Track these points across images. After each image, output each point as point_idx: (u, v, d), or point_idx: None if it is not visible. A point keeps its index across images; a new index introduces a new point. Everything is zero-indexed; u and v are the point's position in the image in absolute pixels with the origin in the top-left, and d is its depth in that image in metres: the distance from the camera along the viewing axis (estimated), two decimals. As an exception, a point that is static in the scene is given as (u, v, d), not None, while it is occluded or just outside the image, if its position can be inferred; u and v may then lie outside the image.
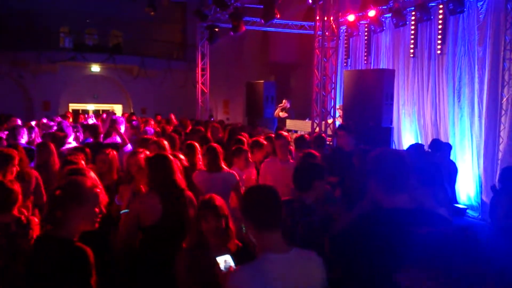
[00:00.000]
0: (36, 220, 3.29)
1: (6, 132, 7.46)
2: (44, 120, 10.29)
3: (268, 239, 2.21)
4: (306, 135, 7.71)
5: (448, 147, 6.70)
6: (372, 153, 2.53)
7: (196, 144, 5.62)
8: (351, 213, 2.70)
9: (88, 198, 2.45)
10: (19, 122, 9.97)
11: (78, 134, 7.85)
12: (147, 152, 4.57)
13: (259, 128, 9.30)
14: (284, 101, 12.16)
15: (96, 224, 2.51)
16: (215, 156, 4.86)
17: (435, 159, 5.95)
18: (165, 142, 5.50)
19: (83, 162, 4.56)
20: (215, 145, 5.05)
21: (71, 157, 4.53)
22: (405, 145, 11.14)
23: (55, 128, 8.92)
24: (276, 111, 12.09)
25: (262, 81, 12.99)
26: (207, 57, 15.32)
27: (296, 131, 11.84)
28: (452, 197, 5.97)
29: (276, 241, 2.21)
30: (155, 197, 3.52)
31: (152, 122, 11.07)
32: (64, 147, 6.51)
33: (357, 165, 4.80)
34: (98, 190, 2.53)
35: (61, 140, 6.61)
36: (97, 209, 2.49)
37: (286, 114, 12.10)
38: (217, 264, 2.65)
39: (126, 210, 3.76)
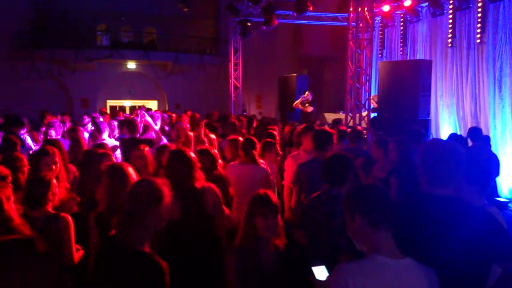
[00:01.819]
0: (70, 218, 3.22)
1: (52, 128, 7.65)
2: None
3: (380, 239, 2.08)
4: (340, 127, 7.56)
5: (487, 138, 6.49)
6: (425, 143, 2.52)
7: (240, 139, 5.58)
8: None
9: (161, 199, 2.42)
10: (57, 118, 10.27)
11: (113, 129, 7.97)
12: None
13: (288, 125, 9.21)
14: (307, 92, 11.99)
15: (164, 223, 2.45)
16: (249, 148, 4.84)
17: (473, 150, 5.77)
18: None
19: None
20: (251, 137, 5.03)
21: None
22: (443, 138, 10.85)
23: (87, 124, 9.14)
24: (296, 102, 11.92)
25: (295, 74, 12.91)
26: (240, 51, 15.34)
27: (328, 124, 11.71)
28: (493, 191, 5.79)
29: (389, 244, 2.08)
30: (173, 197, 3.49)
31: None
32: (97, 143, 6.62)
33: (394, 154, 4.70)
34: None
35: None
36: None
37: (311, 108, 11.94)
38: (312, 273, 2.58)
39: None
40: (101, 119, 9.66)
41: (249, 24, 13.95)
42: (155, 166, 4.55)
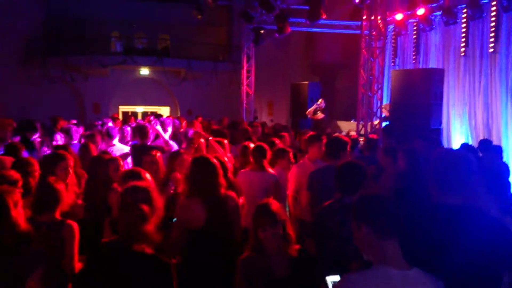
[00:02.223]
0: (75, 225, 3.19)
1: (59, 133, 7.74)
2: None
3: (386, 249, 2.05)
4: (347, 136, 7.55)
5: (498, 149, 6.46)
6: (434, 152, 2.53)
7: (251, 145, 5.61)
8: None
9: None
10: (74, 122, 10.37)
11: (125, 135, 8.04)
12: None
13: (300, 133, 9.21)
14: (320, 100, 12.01)
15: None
16: (259, 156, 4.87)
17: (484, 160, 5.75)
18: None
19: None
20: (262, 144, 5.06)
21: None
22: (455, 147, 10.80)
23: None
24: (309, 110, 11.95)
25: (307, 82, 12.94)
26: (252, 58, 15.42)
27: (341, 132, 11.72)
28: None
29: (395, 254, 2.05)
30: (197, 202, 3.49)
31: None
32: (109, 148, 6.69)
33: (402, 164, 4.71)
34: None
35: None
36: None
37: (322, 115, 11.95)
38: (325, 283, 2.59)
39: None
40: (110, 124, 9.76)
41: (262, 31, 14.03)
42: (166, 172, 4.53)
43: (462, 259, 2.25)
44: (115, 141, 6.96)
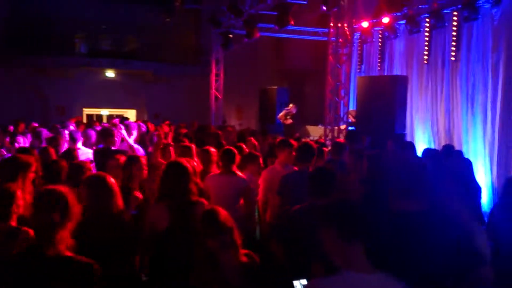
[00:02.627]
0: (29, 231, 3.00)
1: (21, 136, 7.55)
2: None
3: (351, 253, 2.09)
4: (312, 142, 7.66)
5: (459, 153, 6.70)
6: (391, 158, 2.60)
7: (212, 149, 5.63)
8: None
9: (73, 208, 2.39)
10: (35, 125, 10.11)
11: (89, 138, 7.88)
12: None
13: (270, 137, 9.28)
14: (290, 105, 12.14)
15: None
16: (229, 160, 4.89)
17: (448, 165, 5.95)
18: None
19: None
20: (231, 148, 5.08)
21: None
22: (418, 152, 11.11)
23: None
24: (280, 114, 12.07)
25: (276, 87, 13.06)
26: (221, 63, 15.44)
27: (309, 137, 11.88)
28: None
29: (360, 258, 2.09)
30: (162, 206, 3.50)
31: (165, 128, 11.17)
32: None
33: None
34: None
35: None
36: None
37: (290, 121, 12.08)
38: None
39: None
40: (72, 128, 9.57)
41: (231, 36, 14.08)
42: (124, 177, 4.35)
43: (423, 264, 2.32)
44: (79, 144, 6.83)
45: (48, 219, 2.32)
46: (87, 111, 20.72)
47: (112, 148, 6.51)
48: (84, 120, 16.92)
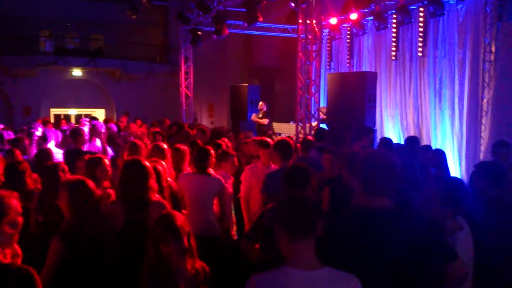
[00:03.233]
0: None
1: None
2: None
3: (296, 250, 2.10)
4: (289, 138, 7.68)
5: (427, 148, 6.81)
6: (359, 155, 2.57)
7: (185, 148, 5.53)
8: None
9: (6, 213, 2.25)
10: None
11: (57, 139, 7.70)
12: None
13: (242, 134, 9.24)
14: (260, 103, 12.13)
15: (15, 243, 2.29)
16: (203, 159, 4.80)
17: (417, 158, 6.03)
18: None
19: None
20: (207, 147, 4.99)
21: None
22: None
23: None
24: (253, 116, 12.05)
25: (246, 84, 13.00)
26: (191, 60, 15.26)
27: (280, 134, 11.86)
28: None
29: (305, 255, 2.10)
30: (118, 205, 3.44)
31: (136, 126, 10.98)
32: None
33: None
34: (14, 202, 2.32)
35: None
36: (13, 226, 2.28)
37: (267, 121, 12.06)
38: None
39: None
40: (40, 129, 9.31)
41: (199, 33, 13.92)
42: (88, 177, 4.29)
43: (391, 262, 2.31)
44: (51, 144, 6.65)
45: None
46: (54, 111, 20.25)
47: (83, 149, 6.37)
48: (52, 120, 16.46)
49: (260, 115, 11.98)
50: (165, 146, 5.47)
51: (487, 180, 3.77)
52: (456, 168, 9.55)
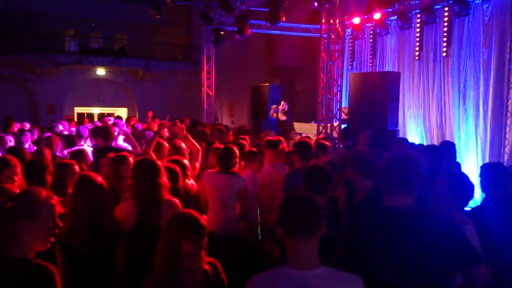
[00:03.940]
0: None
1: (11, 136, 7.43)
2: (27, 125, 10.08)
3: (294, 249, 2.09)
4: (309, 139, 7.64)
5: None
6: (385, 154, 2.57)
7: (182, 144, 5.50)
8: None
9: (41, 211, 2.22)
10: (27, 125, 9.98)
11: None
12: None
13: (262, 134, 9.24)
14: (282, 102, 12.15)
15: (48, 243, 2.28)
16: (227, 159, 4.84)
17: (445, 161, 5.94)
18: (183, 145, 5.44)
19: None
20: (231, 147, 5.01)
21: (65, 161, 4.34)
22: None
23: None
24: (271, 112, 12.07)
25: (267, 84, 13.01)
26: (213, 60, 15.35)
27: (300, 134, 11.85)
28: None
29: (303, 255, 2.08)
30: (131, 203, 3.45)
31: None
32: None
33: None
34: (53, 201, 2.30)
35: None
36: (51, 224, 2.26)
37: (284, 117, 12.08)
38: None
39: None
40: (61, 128, 9.45)
41: (222, 32, 14.00)
42: (111, 177, 4.21)
43: (414, 263, 2.30)
44: (87, 142, 6.75)
45: (12, 220, 2.20)
46: (77, 109, 20.58)
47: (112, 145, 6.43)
48: (75, 119, 16.75)
49: (280, 113, 12.02)
50: (183, 145, 5.50)
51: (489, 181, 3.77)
52: (479, 169, 9.39)
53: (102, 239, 3.10)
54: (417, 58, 11.39)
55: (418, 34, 11.29)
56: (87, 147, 6.77)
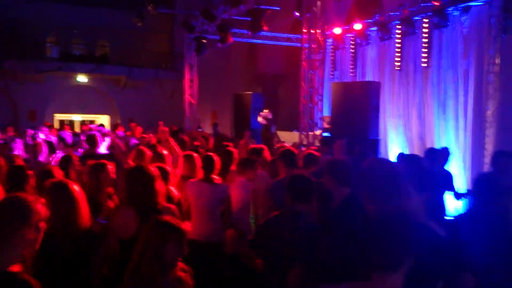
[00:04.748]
0: None
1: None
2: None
3: None
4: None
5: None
6: (364, 162, 2.58)
7: (195, 155, 5.49)
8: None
9: (34, 214, 2.20)
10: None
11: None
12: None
13: (241, 142, 9.22)
14: (265, 110, 12.23)
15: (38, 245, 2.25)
16: (208, 167, 4.82)
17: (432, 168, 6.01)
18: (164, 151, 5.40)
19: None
20: (212, 155, 4.98)
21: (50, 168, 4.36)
22: (392, 158, 11.23)
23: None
24: (258, 117, 12.19)
25: (250, 92, 13.05)
26: (195, 68, 15.33)
27: (283, 142, 11.87)
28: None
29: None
30: (130, 210, 3.41)
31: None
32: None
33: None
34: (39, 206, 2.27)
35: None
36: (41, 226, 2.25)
37: (264, 122, 12.17)
38: None
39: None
40: (42, 136, 9.35)
41: (204, 41, 14.00)
42: (90, 185, 4.18)
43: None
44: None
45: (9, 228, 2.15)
46: (58, 116, 20.32)
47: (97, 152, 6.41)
48: (56, 126, 16.55)
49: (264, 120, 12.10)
50: (164, 152, 5.47)
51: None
52: (461, 179, 9.52)
53: (77, 243, 3.09)
54: (397, 68, 11.52)
55: (398, 45, 11.43)
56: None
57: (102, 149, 7.32)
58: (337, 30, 12.55)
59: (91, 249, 3.25)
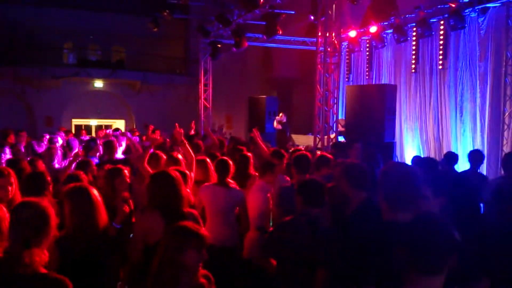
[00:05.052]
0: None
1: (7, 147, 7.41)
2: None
3: None
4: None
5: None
6: (383, 167, 2.56)
7: (208, 160, 5.49)
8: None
9: (50, 219, 2.30)
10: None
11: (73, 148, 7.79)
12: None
13: (251, 147, 9.18)
14: (281, 114, 12.23)
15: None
16: (223, 171, 4.81)
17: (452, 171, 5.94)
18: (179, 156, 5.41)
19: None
20: (226, 159, 4.97)
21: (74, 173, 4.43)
22: (407, 160, 11.13)
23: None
24: (274, 122, 12.22)
25: (264, 96, 13.05)
26: (210, 72, 15.40)
27: (298, 145, 11.85)
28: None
29: None
30: (156, 215, 3.41)
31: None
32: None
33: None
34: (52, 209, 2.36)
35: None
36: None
37: (279, 126, 12.19)
38: None
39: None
40: (60, 140, 9.44)
41: (219, 45, 14.05)
42: (106, 190, 4.18)
43: None
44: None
45: (23, 235, 2.22)
46: (75, 121, 20.56)
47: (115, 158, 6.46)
48: (73, 131, 16.72)
49: (279, 124, 12.10)
50: (179, 156, 5.47)
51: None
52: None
53: (97, 247, 3.12)
54: (413, 70, 11.45)
55: (414, 47, 11.36)
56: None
57: (119, 153, 7.38)
58: (353, 33, 12.49)
59: (106, 253, 3.27)
